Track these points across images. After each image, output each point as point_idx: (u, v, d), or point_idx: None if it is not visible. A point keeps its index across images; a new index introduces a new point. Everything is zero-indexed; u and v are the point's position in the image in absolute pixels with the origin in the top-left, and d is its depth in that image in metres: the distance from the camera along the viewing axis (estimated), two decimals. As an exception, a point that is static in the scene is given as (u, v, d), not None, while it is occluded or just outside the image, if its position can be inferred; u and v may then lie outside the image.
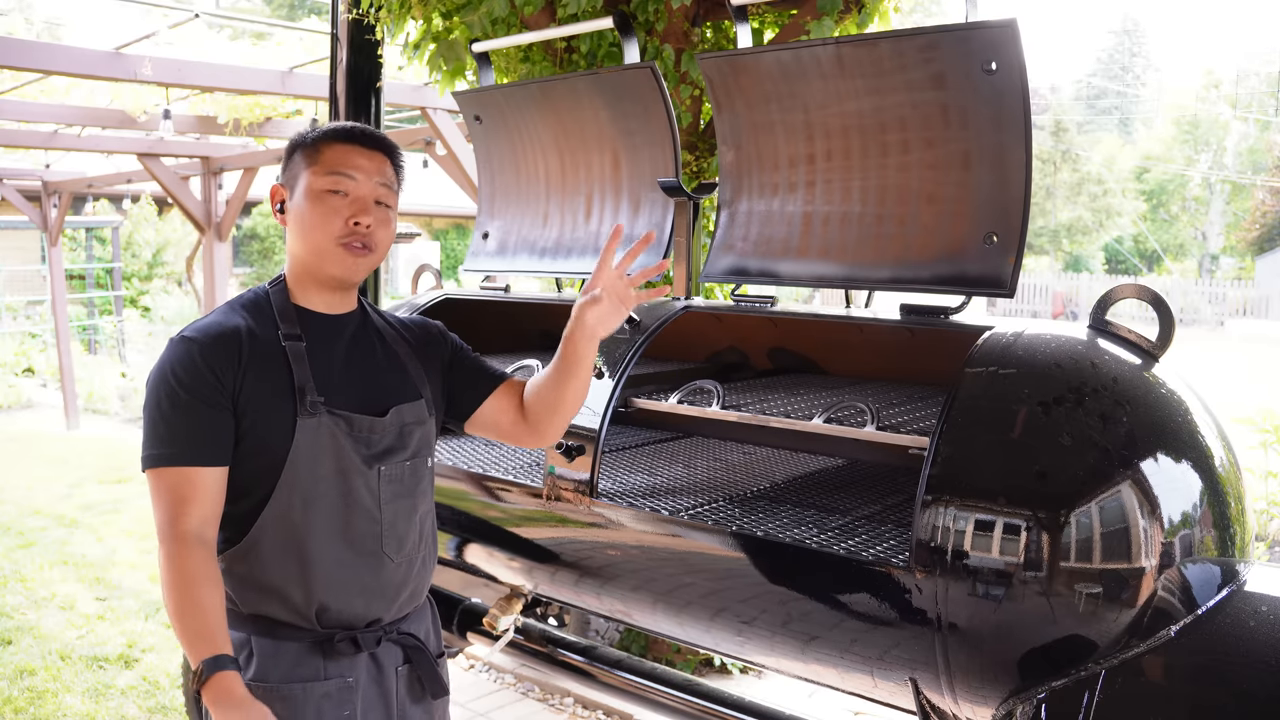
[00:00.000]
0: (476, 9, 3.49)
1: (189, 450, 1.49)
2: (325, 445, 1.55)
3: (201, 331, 1.55)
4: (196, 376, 1.50)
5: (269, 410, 1.53)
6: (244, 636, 1.56)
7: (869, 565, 1.77)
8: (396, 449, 1.63)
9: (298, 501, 1.54)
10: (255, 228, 19.68)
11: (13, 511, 6.44)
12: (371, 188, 1.60)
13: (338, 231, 1.57)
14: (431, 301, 2.94)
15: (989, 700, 1.64)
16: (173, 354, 1.53)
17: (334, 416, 1.56)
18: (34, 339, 14.27)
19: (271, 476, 1.53)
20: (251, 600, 1.56)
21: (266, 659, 1.55)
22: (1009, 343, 1.75)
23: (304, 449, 1.53)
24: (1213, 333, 22.98)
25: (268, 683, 1.53)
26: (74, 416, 10.04)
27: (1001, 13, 1.97)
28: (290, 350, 1.57)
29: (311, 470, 1.54)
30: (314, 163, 1.59)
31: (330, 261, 1.59)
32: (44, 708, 3.59)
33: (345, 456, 1.56)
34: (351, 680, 1.58)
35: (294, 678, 1.54)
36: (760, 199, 2.40)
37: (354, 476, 1.57)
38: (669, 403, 2.27)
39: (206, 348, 1.52)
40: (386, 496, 1.61)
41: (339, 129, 1.63)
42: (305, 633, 1.57)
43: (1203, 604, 1.58)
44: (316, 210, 1.57)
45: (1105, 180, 31.46)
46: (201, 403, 1.50)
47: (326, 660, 1.57)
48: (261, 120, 7.57)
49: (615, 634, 3.79)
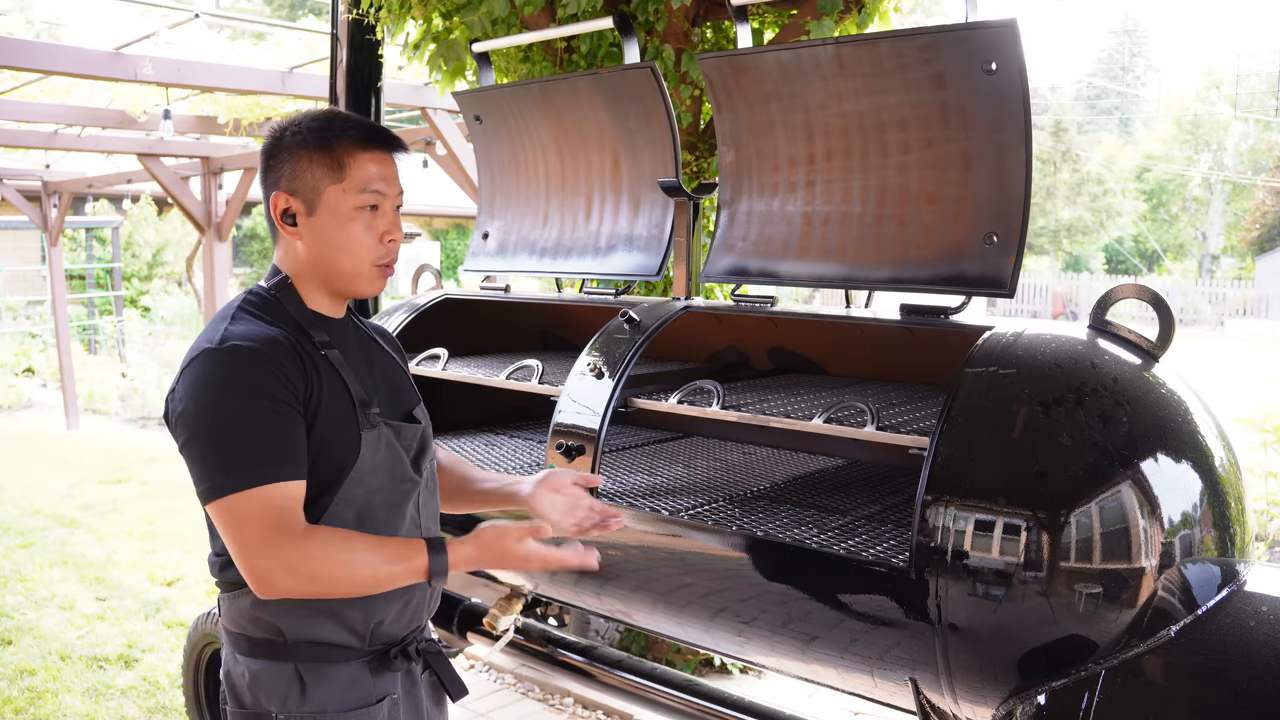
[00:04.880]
0: (476, 9, 3.49)
1: (288, 464, 1.38)
2: (383, 457, 1.50)
3: (258, 340, 1.42)
4: (278, 384, 1.39)
5: (335, 423, 1.46)
6: (291, 668, 1.48)
7: (869, 565, 1.77)
8: (426, 451, 1.61)
9: (352, 516, 1.47)
10: (255, 228, 19.68)
11: (13, 511, 6.44)
12: (395, 198, 1.54)
13: (375, 254, 1.50)
14: (431, 301, 2.94)
15: (989, 700, 1.64)
16: (229, 363, 1.39)
17: (390, 426, 1.52)
18: (34, 339, 14.27)
19: (329, 491, 1.45)
20: (300, 626, 1.48)
21: (319, 687, 1.48)
22: (1009, 343, 1.75)
23: (366, 462, 1.48)
24: (1213, 333, 22.98)
25: (327, 713, 1.47)
26: (74, 416, 10.04)
27: (1001, 13, 1.97)
28: (333, 359, 1.50)
29: (368, 484, 1.49)
30: (339, 177, 1.48)
31: (364, 282, 1.52)
32: (44, 708, 3.59)
33: (400, 466, 1.53)
34: (396, 696, 1.54)
35: (350, 703, 1.49)
36: (760, 199, 2.40)
37: (405, 485, 1.54)
38: (669, 403, 2.27)
39: (274, 355, 1.41)
40: (424, 499, 1.59)
41: (355, 133, 1.50)
42: (355, 652, 1.51)
43: (1203, 604, 1.58)
44: (352, 232, 1.48)
45: (1105, 180, 31.46)
46: (286, 411, 1.39)
47: (374, 679, 1.52)
48: (261, 120, 7.57)
49: (615, 634, 3.79)
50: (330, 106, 1.69)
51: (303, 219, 1.50)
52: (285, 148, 1.50)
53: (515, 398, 3.05)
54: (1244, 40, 61.09)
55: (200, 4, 5.97)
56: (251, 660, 1.50)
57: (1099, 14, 65.37)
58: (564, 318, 3.39)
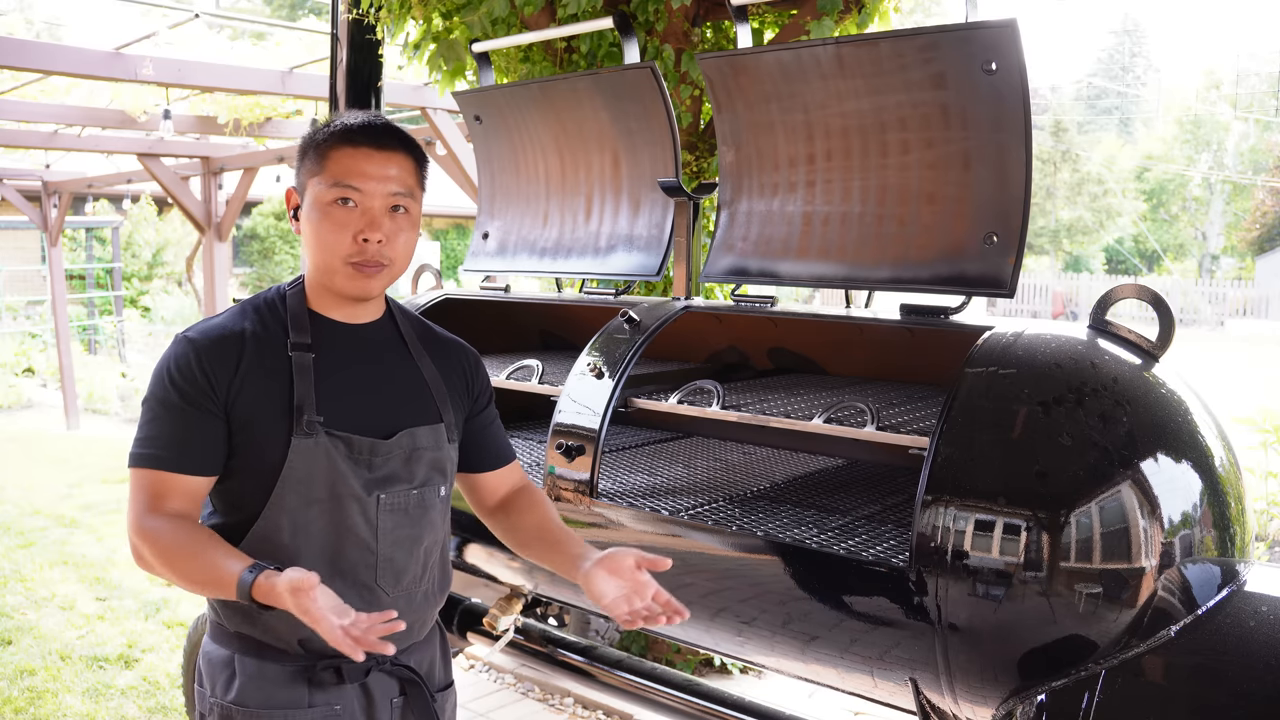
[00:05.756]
0: (476, 9, 3.50)
1: (172, 455, 1.43)
2: (320, 468, 1.45)
3: (203, 333, 1.47)
4: (189, 379, 1.43)
5: (264, 425, 1.44)
6: (228, 654, 1.49)
7: (869, 565, 1.77)
8: (400, 476, 1.51)
9: (286, 524, 1.45)
10: (255, 228, 19.68)
11: (13, 511, 6.44)
12: (384, 197, 1.46)
13: (345, 250, 1.45)
14: (431, 301, 2.94)
15: (989, 700, 1.64)
16: (172, 353, 1.46)
17: (332, 438, 1.45)
18: (34, 339, 14.28)
19: (262, 495, 1.44)
20: (236, 619, 1.49)
21: (249, 680, 1.47)
22: (1009, 343, 1.75)
23: (297, 470, 1.44)
24: (1213, 333, 22.98)
25: (248, 707, 1.46)
26: (74, 416, 10.05)
27: (1001, 13, 1.97)
28: (296, 361, 1.47)
29: (303, 493, 1.44)
30: (319, 170, 1.46)
31: (340, 281, 1.48)
32: (44, 708, 3.59)
33: (341, 481, 1.46)
34: (339, 709, 1.49)
35: (275, 703, 1.46)
36: (760, 199, 2.40)
37: (349, 503, 1.46)
38: (669, 403, 2.27)
39: (204, 350, 1.44)
40: (386, 526, 1.49)
41: (346, 129, 1.48)
42: (289, 657, 1.48)
43: (1203, 604, 1.58)
44: (323, 225, 1.45)
45: (1105, 180, 31.45)
46: (191, 407, 1.43)
47: (312, 688, 1.48)
48: (261, 120, 7.58)
49: (615, 634, 3.79)
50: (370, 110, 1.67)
51: (302, 215, 1.51)
52: (302, 145, 1.53)
53: (515, 398, 3.05)
54: (1244, 40, 61.13)
55: (200, 4, 5.97)
56: (208, 641, 1.55)
57: (1099, 14, 65.40)
58: (564, 318, 3.39)
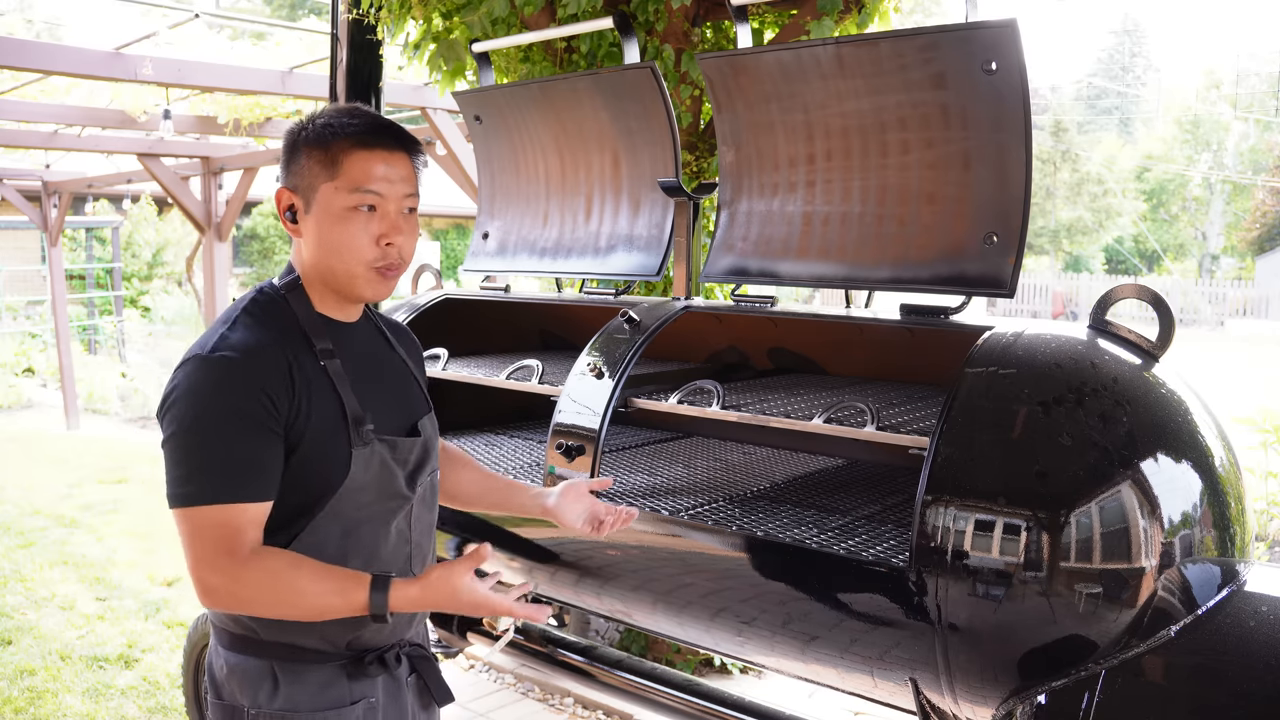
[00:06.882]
0: (476, 9, 3.49)
1: (242, 483, 1.35)
2: (375, 474, 1.47)
3: (241, 350, 1.39)
4: (251, 398, 1.36)
5: (323, 441, 1.42)
6: (265, 665, 1.47)
7: (869, 565, 1.77)
8: (424, 465, 1.56)
9: (337, 531, 1.45)
10: (255, 228, 19.68)
11: (13, 511, 6.44)
12: (399, 199, 1.46)
13: (370, 255, 1.44)
14: (431, 301, 2.94)
15: (989, 700, 1.64)
16: (214, 375, 1.37)
17: (383, 443, 1.47)
18: (34, 339, 14.27)
19: (315, 507, 1.43)
20: (275, 629, 1.47)
21: (294, 686, 1.47)
22: (1009, 343, 1.75)
23: (357, 479, 1.44)
24: (1213, 333, 22.98)
25: (298, 712, 1.47)
26: (74, 416, 10.05)
27: (1001, 13, 1.97)
28: (331, 371, 1.46)
29: (358, 500, 1.45)
30: (333, 175, 1.43)
31: (362, 285, 1.47)
32: (44, 708, 3.59)
33: (392, 483, 1.49)
34: (374, 700, 1.52)
35: (322, 704, 1.48)
36: (760, 199, 2.40)
37: (397, 502, 1.51)
38: (669, 403, 2.27)
39: (255, 369, 1.38)
40: (417, 514, 1.55)
41: (356, 130, 1.45)
42: (331, 657, 1.50)
43: (1203, 604, 1.58)
44: (344, 232, 1.43)
45: (1105, 180, 31.45)
46: (255, 429, 1.36)
47: (350, 681, 1.50)
48: (261, 120, 7.58)
49: (615, 634, 3.79)
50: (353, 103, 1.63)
51: (302, 217, 1.47)
52: (295, 143, 1.48)
53: (515, 398, 3.05)
54: (1244, 40, 61.11)
55: (200, 4, 5.97)
56: (230, 653, 1.50)
57: (1099, 14, 65.40)
58: (564, 318, 3.39)
